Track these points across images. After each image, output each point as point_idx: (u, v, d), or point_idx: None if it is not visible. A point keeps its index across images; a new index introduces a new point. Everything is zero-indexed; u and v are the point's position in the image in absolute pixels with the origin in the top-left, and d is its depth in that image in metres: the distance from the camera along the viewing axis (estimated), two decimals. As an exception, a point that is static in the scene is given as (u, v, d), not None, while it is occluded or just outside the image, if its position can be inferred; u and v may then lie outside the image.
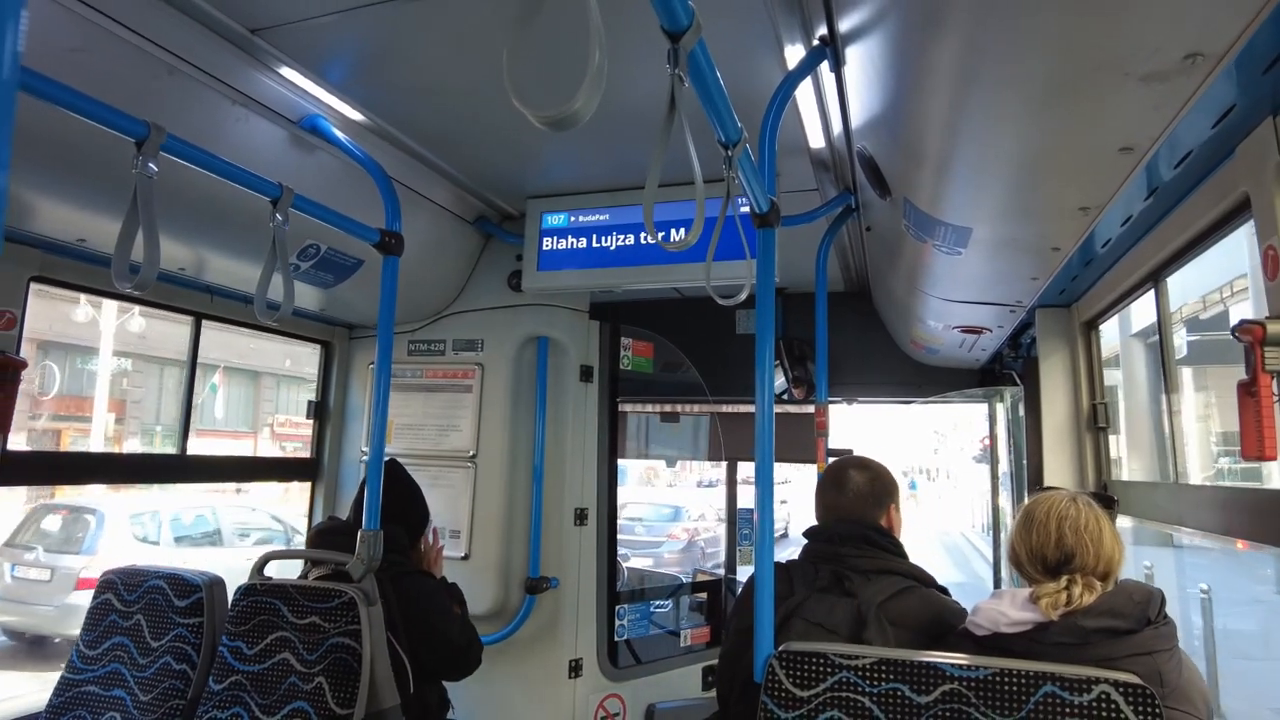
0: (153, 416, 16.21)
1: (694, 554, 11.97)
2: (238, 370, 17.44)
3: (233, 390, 17.74)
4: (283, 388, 19.06)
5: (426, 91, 2.13)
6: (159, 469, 2.68)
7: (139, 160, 1.36)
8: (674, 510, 13.51)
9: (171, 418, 16.40)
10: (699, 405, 4.00)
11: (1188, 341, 4.15)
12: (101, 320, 13.64)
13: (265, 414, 18.54)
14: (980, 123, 1.34)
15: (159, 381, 16.23)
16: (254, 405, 18.43)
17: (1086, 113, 1.20)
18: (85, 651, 2.06)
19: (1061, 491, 1.58)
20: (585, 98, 0.67)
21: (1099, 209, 1.54)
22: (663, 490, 18.69)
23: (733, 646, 1.82)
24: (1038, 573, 1.50)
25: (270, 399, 18.78)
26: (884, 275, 2.93)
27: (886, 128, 1.70)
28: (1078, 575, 1.44)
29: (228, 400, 17.48)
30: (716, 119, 1.16)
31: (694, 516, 13.80)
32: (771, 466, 1.57)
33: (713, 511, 14.66)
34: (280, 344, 18.06)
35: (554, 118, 0.67)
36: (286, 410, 18.75)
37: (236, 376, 17.66)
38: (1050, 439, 2.44)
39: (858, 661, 1.37)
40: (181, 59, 1.79)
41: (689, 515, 13.66)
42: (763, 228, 1.58)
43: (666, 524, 12.83)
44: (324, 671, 1.82)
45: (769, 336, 1.59)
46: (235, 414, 17.94)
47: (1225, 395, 7.74)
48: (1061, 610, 1.39)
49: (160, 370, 16.10)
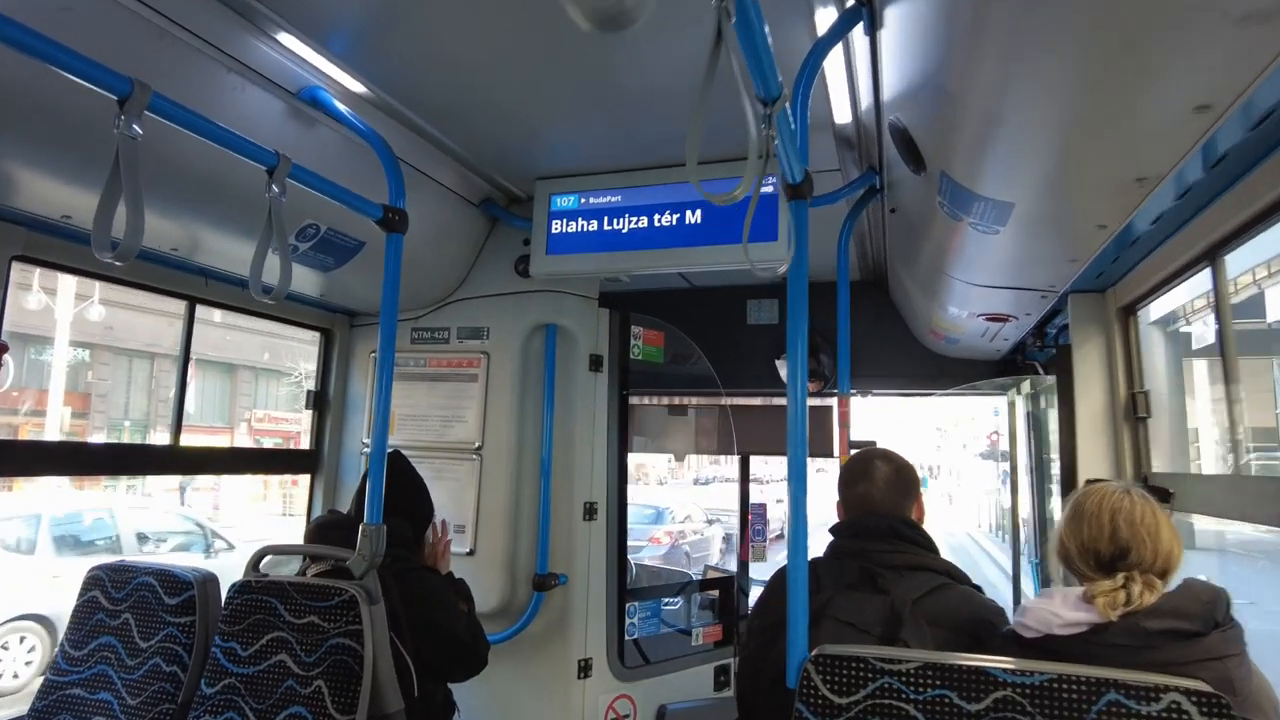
0: (120, 411, 15.62)
1: (677, 559, 11.41)
2: (212, 363, 16.79)
3: (207, 383, 17.08)
4: (261, 381, 18.41)
5: (432, 63, 2.03)
6: (151, 461, 2.57)
7: (121, 120, 1.25)
8: (656, 512, 12.89)
9: (141, 411, 15.82)
10: (709, 397, 3.90)
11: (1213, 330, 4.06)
12: (57, 309, 13.01)
13: (242, 409, 17.91)
14: (1035, 81, 1.23)
15: (127, 374, 15.66)
16: (230, 399, 17.77)
17: (1163, 65, 1.09)
18: (70, 652, 1.96)
19: (1113, 483, 1.47)
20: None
21: (1158, 180, 1.43)
22: (649, 489, 18.36)
23: (756, 647, 1.73)
24: (1090, 570, 1.40)
25: (248, 393, 18.17)
26: (906, 260, 2.82)
27: (925, 94, 1.59)
28: (1135, 572, 1.34)
29: (201, 394, 16.87)
30: (757, 70, 1.05)
31: (679, 519, 13.25)
32: (805, 460, 1.46)
33: (701, 512, 14.17)
34: (259, 336, 17.38)
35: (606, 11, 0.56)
36: (266, 405, 18.18)
37: (211, 369, 16.99)
38: (1085, 431, 2.34)
39: (901, 666, 1.27)
40: (174, 22, 1.68)
41: (673, 517, 13.07)
42: (795, 199, 1.47)
43: (647, 527, 12.15)
44: (323, 674, 1.72)
45: (802, 320, 1.48)
46: (211, 408, 17.30)
47: (1256, 388, 7.52)
48: (1120, 610, 1.29)
49: (129, 362, 15.57)
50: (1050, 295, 2.34)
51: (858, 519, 1.76)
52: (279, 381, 18.25)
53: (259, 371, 18.30)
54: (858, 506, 1.79)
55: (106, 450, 2.34)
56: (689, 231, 2.60)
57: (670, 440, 3.99)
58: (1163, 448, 2.21)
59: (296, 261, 2.43)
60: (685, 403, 3.96)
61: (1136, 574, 1.34)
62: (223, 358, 16.86)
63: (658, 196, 2.66)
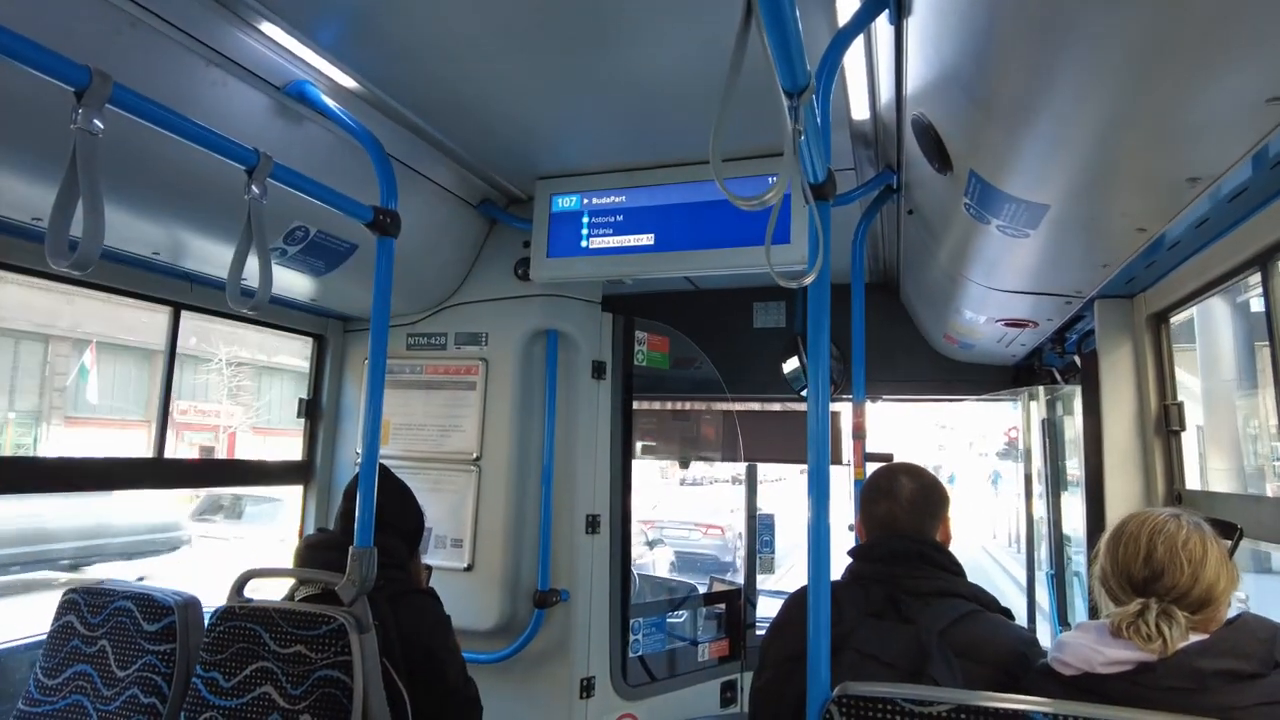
0: (3, 401, 13.76)
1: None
2: (126, 349, 14.84)
3: (119, 371, 15.02)
4: (187, 369, 16.42)
5: (426, 56, 1.92)
6: (133, 475, 2.45)
7: (78, 114, 1.14)
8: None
9: (31, 403, 14.02)
10: (715, 403, 3.80)
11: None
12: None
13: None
14: (1079, 72, 1.12)
15: (11, 359, 13.73)
16: (148, 389, 15.42)
17: (1234, 49, 0.98)
18: (44, 681, 1.85)
19: (1165, 509, 1.37)
20: None
21: (1211, 180, 1.32)
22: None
23: (773, 678, 1.63)
24: (1125, 594, 1.30)
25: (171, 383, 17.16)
26: (922, 263, 2.72)
27: (955, 86, 1.48)
28: (1154, 600, 1.23)
29: (113, 383, 14.85)
30: (784, 56, 0.94)
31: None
32: (828, 470, 1.37)
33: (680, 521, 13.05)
34: (188, 320, 16.60)
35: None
36: (191, 396, 16.42)
37: (124, 355, 14.99)
38: (1113, 444, 2.23)
39: (932, 709, 1.17)
40: (147, 9, 1.57)
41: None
42: (819, 200, 1.37)
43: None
44: (310, 708, 1.61)
45: (824, 325, 1.39)
46: (124, 400, 15.16)
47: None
48: (1158, 644, 1.18)
49: (14, 345, 13.63)
50: (1075, 300, 2.23)
51: (880, 540, 1.68)
52: (205, 369, 16.55)
53: (184, 358, 16.18)
54: (881, 527, 1.70)
55: (91, 465, 2.24)
56: (697, 233, 2.49)
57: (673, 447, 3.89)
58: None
59: (285, 265, 2.33)
60: (690, 409, 3.86)
61: (1154, 601, 1.23)
62: (138, 341, 14.80)
63: (664, 196, 2.55)
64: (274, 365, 18.28)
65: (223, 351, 16.46)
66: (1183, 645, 1.20)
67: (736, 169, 2.06)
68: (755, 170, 2.39)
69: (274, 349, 17.58)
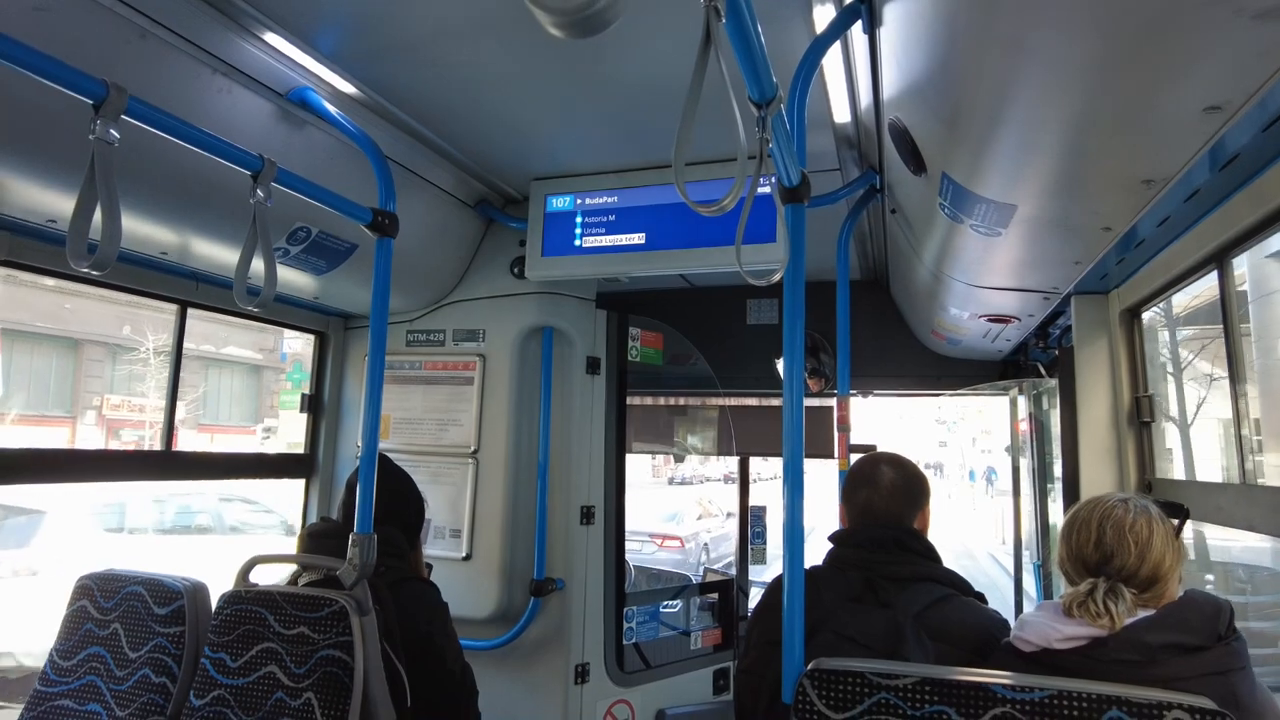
0: None
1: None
2: (46, 337, 13.17)
3: (37, 362, 13.34)
4: (119, 361, 14.56)
5: (423, 63, 1.99)
6: (144, 467, 2.54)
7: (96, 124, 1.22)
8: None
9: None
10: (708, 398, 3.87)
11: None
12: None
13: (92, 393, 14.09)
14: (1043, 79, 1.19)
15: None
16: (73, 383, 13.95)
17: (1173, 64, 1.05)
18: (59, 663, 1.93)
19: (1117, 494, 1.44)
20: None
21: (1165, 181, 1.39)
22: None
23: (755, 660, 1.69)
24: (1080, 577, 1.38)
25: (99, 374, 14.49)
26: (907, 261, 2.79)
27: (926, 94, 1.55)
28: (1101, 579, 1.31)
29: (31, 376, 13.20)
30: (751, 70, 1.01)
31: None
32: (801, 462, 1.43)
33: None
34: (115, 306, 13.00)
35: (575, 16, 0.52)
36: (123, 389, 14.73)
37: (45, 345, 13.31)
38: (1088, 436, 2.30)
39: (898, 681, 1.23)
40: (156, 22, 1.65)
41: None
42: (791, 202, 1.43)
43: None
44: (313, 686, 1.68)
45: (799, 323, 1.45)
46: (44, 393, 13.51)
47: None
48: (1106, 621, 1.26)
49: None
50: (1053, 297, 2.30)
51: (859, 528, 1.72)
52: (138, 360, 14.78)
53: (113, 348, 14.51)
54: (861, 513, 1.74)
55: (99, 456, 2.31)
56: (687, 233, 2.56)
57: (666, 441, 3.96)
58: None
59: (288, 265, 2.40)
60: (684, 403, 3.93)
61: (1101, 581, 1.31)
62: (61, 330, 13.24)
63: (655, 197, 2.62)
64: (223, 357, 16.26)
65: (150, 340, 14.07)
66: (1132, 621, 1.27)
67: (722, 170, 2.13)
68: (731, 174, 2.45)
69: (224, 339, 15.71)
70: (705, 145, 1.99)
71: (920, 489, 1.76)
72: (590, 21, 0.53)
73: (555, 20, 0.54)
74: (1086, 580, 1.33)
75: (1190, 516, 1.45)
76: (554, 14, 0.54)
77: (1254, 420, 1.81)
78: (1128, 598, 1.28)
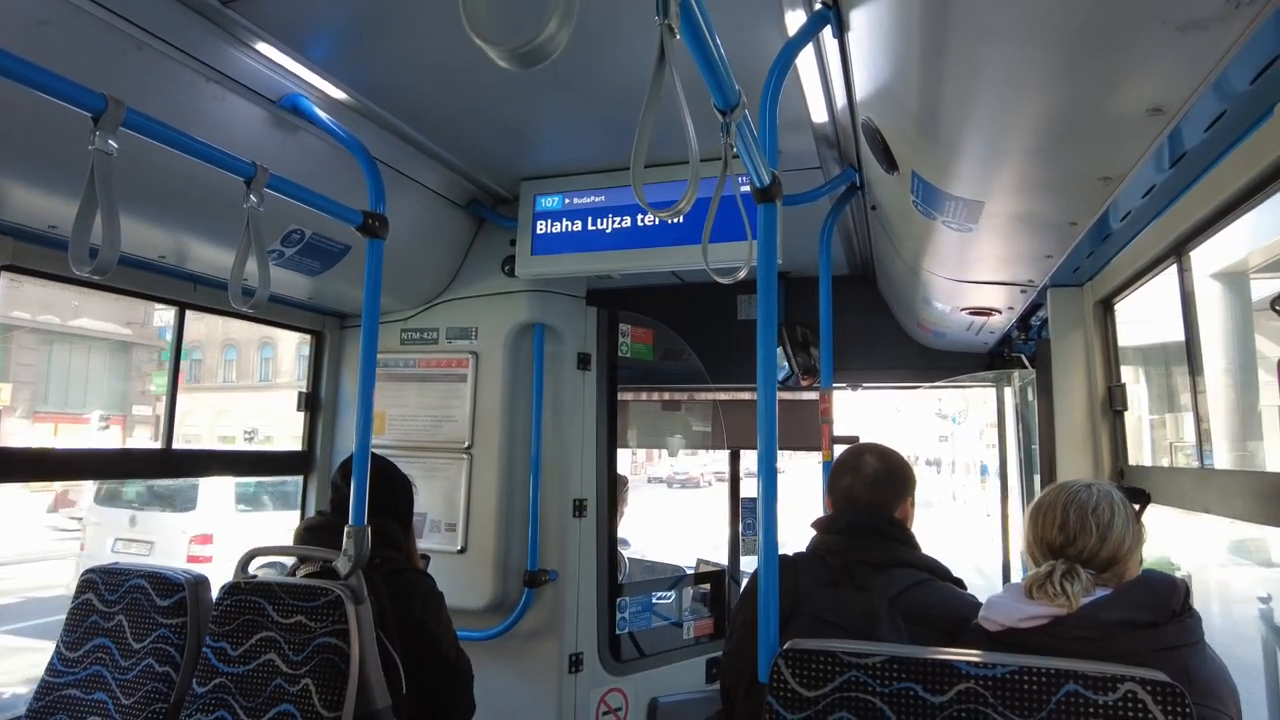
0: None
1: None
2: None
3: None
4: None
5: (412, 68, 2.04)
6: (144, 465, 2.60)
7: (95, 136, 1.28)
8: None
9: None
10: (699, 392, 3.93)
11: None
12: None
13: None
14: (997, 86, 1.25)
15: None
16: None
17: (1115, 71, 1.11)
18: (66, 653, 2.00)
19: (1082, 480, 1.50)
20: (557, 22, 0.58)
21: (1120, 179, 1.45)
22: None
23: (738, 643, 1.75)
24: (1044, 559, 1.44)
25: (30, 362, 13.18)
26: (889, 256, 2.84)
27: (893, 96, 1.60)
28: (1068, 560, 1.37)
29: None
30: (713, 80, 1.07)
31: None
32: (775, 455, 1.48)
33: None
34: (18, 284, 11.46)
35: (519, 50, 0.58)
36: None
37: None
38: (1064, 425, 2.36)
39: (867, 660, 1.29)
40: (150, 33, 1.70)
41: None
42: (763, 203, 1.49)
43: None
44: (311, 672, 1.75)
45: (772, 319, 1.51)
46: None
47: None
48: (1062, 600, 1.32)
49: None
50: (1030, 289, 2.35)
51: (839, 515, 1.77)
52: (47, 342, 13.10)
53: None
54: (843, 500, 1.79)
55: (99, 455, 2.37)
56: (672, 231, 2.61)
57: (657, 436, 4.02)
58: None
59: (283, 266, 2.46)
60: (675, 398, 3.98)
61: (1060, 563, 1.37)
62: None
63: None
64: (70, 331, 13.73)
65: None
66: (1089, 599, 1.34)
67: (683, 173, 2.18)
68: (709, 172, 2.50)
69: (74, 311, 13.35)
70: (677, 146, 2.02)
71: (903, 479, 1.80)
72: (531, 55, 0.59)
73: (499, 53, 0.60)
74: (1047, 563, 1.39)
75: (1153, 500, 1.51)
76: (496, 49, 0.60)
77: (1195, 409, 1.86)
78: (1084, 578, 1.34)
